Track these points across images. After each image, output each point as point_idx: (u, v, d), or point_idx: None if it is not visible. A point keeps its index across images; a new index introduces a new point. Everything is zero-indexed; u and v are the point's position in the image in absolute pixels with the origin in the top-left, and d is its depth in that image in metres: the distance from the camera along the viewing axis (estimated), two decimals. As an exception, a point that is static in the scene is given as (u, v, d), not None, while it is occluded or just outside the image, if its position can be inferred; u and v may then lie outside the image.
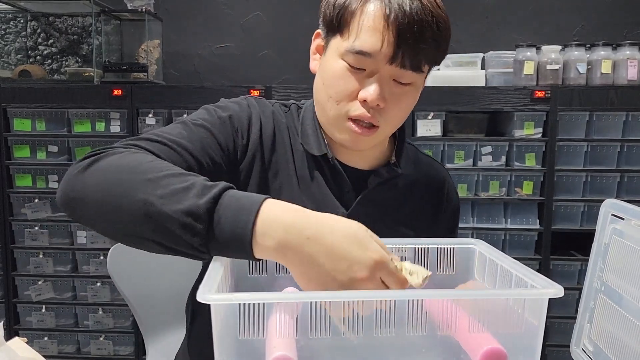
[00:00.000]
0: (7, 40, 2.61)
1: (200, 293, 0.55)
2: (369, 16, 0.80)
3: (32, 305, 2.42)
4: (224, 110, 0.91)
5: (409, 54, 0.80)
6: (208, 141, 0.84)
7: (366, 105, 0.83)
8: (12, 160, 2.39)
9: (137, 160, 0.70)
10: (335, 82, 0.84)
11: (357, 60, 0.82)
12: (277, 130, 0.94)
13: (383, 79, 0.83)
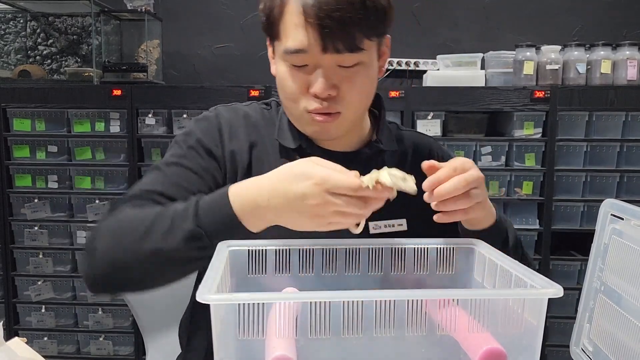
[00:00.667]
0: (6, 40, 2.61)
1: (200, 293, 0.55)
2: (290, 15, 0.83)
3: (32, 305, 2.42)
4: (192, 136, 0.94)
5: (338, 38, 0.81)
6: (182, 176, 0.90)
7: (319, 98, 0.85)
8: (11, 160, 2.39)
9: (127, 223, 0.80)
10: (285, 83, 0.87)
11: (296, 59, 0.84)
12: (253, 131, 0.96)
13: (327, 69, 0.84)
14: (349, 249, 0.78)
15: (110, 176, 2.40)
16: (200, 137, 0.94)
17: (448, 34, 2.70)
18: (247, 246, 0.77)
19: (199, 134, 0.94)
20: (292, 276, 0.78)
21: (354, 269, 0.78)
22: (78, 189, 2.39)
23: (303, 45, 0.82)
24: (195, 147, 0.93)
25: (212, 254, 0.71)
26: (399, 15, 2.88)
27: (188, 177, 0.90)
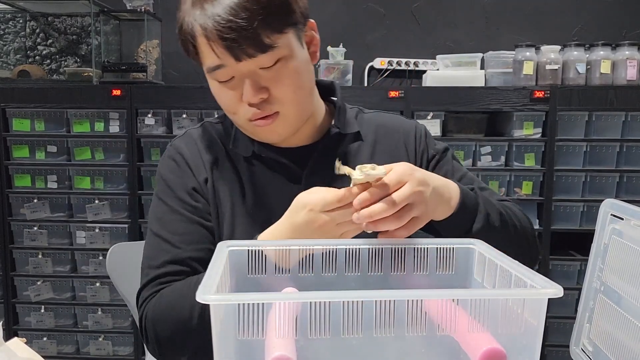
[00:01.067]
0: (6, 40, 2.61)
1: (199, 293, 0.55)
2: (196, 38, 0.85)
3: (31, 305, 2.42)
4: (168, 185, 0.96)
5: (245, 44, 0.81)
6: (191, 231, 0.93)
7: (253, 105, 0.86)
8: (11, 161, 2.39)
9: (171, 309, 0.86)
10: (220, 100, 0.90)
11: (220, 75, 0.86)
12: (207, 152, 0.98)
13: (250, 76, 0.85)
14: (348, 249, 0.78)
15: (109, 176, 2.40)
16: (174, 181, 0.96)
17: (448, 34, 2.70)
18: (247, 246, 0.76)
19: (172, 179, 0.96)
20: (292, 276, 0.77)
21: (354, 269, 0.78)
22: (77, 189, 2.39)
23: (218, 62, 0.84)
24: (177, 194, 0.95)
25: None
26: (399, 15, 2.88)
27: (189, 230, 0.93)
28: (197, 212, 0.95)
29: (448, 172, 1.01)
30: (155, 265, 0.92)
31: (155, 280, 0.91)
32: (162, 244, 0.93)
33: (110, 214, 2.39)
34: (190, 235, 0.93)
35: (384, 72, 2.66)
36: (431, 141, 1.05)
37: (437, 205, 0.80)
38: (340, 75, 2.44)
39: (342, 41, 2.54)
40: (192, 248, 0.92)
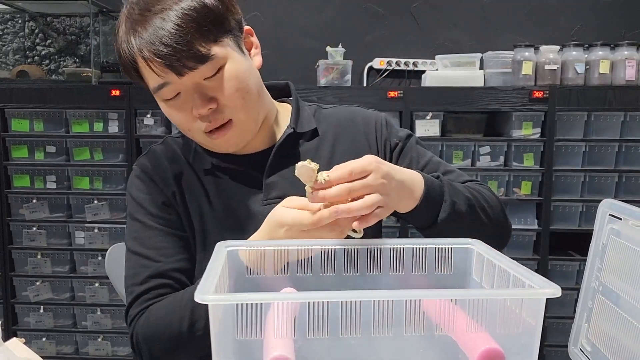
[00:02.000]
0: (5, 40, 2.61)
1: (198, 293, 0.55)
2: (136, 62, 0.85)
3: (30, 305, 2.42)
4: (138, 203, 0.97)
5: (183, 59, 0.82)
6: (168, 244, 0.94)
7: (205, 117, 0.87)
8: (10, 161, 2.39)
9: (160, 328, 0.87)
10: (173, 119, 0.90)
11: (165, 93, 0.87)
12: (171, 167, 0.98)
13: (195, 88, 0.86)
14: (347, 249, 0.78)
15: (108, 176, 2.39)
16: (144, 198, 0.97)
17: (447, 34, 2.70)
18: (246, 246, 0.77)
19: (141, 196, 0.97)
20: (291, 276, 0.77)
21: (353, 269, 0.78)
22: (76, 189, 2.39)
23: (161, 80, 0.85)
24: (148, 210, 0.96)
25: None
26: (398, 16, 2.87)
27: (165, 244, 0.94)
28: (170, 224, 0.96)
29: (413, 159, 1.01)
30: (139, 282, 0.92)
31: (141, 297, 0.91)
32: (142, 260, 0.93)
33: (109, 214, 2.39)
34: (167, 248, 0.94)
35: (383, 72, 2.66)
36: (393, 129, 1.04)
37: (401, 199, 0.80)
38: (339, 76, 2.44)
39: (341, 41, 2.54)
40: (172, 260, 0.93)
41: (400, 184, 0.78)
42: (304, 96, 2.24)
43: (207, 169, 0.97)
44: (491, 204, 0.93)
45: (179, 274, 0.93)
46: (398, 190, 0.78)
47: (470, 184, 0.97)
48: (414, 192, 0.82)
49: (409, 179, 0.81)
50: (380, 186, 0.74)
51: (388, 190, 0.75)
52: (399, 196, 0.79)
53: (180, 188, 0.98)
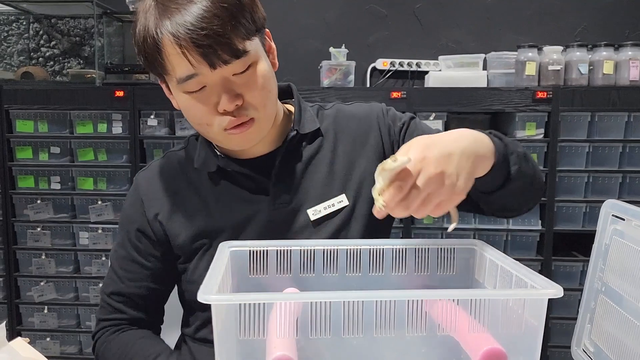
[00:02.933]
0: (9, 42, 2.62)
1: (201, 293, 0.55)
2: (168, 48, 0.82)
3: (35, 306, 2.43)
4: (122, 229, 1.02)
5: (220, 51, 0.81)
6: (127, 269, 1.00)
7: (229, 113, 0.86)
8: (14, 162, 2.40)
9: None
10: (193, 112, 0.88)
11: (191, 85, 0.84)
12: (166, 183, 1.00)
13: (224, 83, 0.84)
14: (349, 250, 0.78)
15: (112, 177, 2.40)
16: (127, 217, 1.01)
17: (450, 35, 2.70)
18: (248, 247, 0.77)
19: (126, 214, 1.02)
20: (293, 277, 0.78)
21: (355, 270, 0.79)
22: (80, 190, 2.40)
23: (191, 71, 0.82)
24: (126, 229, 1.01)
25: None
26: (401, 16, 2.87)
27: (131, 268, 1.00)
28: (138, 252, 1.00)
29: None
30: (106, 293, 1.02)
31: (105, 316, 1.02)
32: (112, 274, 1.02)
33: (113, 214, 2.39)
34: (131, 273, 1.00)
35: (386, 73, 2.66)
36: (395, 115, 1.04)
37: (477, 164, 0.73)
38: (342, 77, 2.44)
39: (345, 42, 2.55)
40: (132, 285, 1.00)
41: (467, 152, 0.72)
42: (307, 97, 2.24)
43: (212, 172, 0.97)
44: (527, 153, 0.89)
45: (137, 298, 1.01)
46: (467, 160, 0.71)
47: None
48: (487, 150, 0.76)
49: (474, 140, 0.74)
50: (435, 179, 0.68)
51: (444, 180, 0.69)
52: (470, 164, 0.72)
53: (171, 203, 0.98)
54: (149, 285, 1.00)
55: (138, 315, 1.01)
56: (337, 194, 0.96)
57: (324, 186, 0.97)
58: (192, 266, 0.97)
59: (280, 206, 0.95)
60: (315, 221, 0.94)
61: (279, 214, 0.95)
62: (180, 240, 0.96)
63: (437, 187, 0.68)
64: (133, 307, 1.01)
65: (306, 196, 0.96)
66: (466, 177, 0.71)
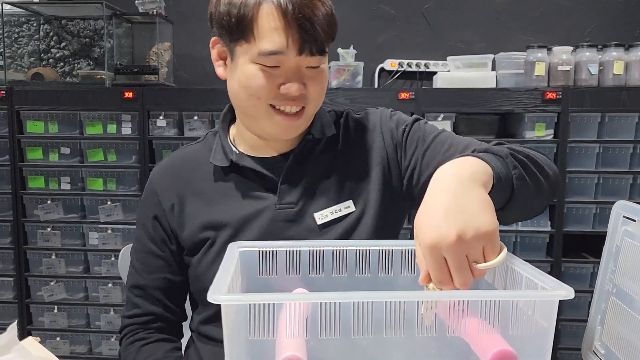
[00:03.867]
0: (20, 43, 2.64)
1: (211, 293, 0.55)
2: (266, 18, 0.84)
3: (45, 305, 2.45)
4: (139, 222, 1.04)
5: (314, 41, 0.86)
6: (146, 262, 1.03)
7: (289, 97, 0.88)
8: (25, 162, 2.42)
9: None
10: (253, 82, 0.88)
11: (269, 60, 0.86)
12: (179, 175, 1.02)
13: (297, 70, 0.88)
14: (358, 250, 0.78)
15: (121, 177, 2.42)
16: (142, 211, 1.04)
17: (458, 35, 2.69)
18: (258, 247, 0.77)
19: (142, 209, 1.04)
20: (302, 277, 0.78)
21: (364, 270, 0.79)
22: (90, 191, 2.42)
23: (281, 48, 0.85)
24: (142, 222, 1.03)
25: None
26: (409, 17, 2.86)
27: (147, 261, 1.02)
28: (154, 242, 1.01)
29: (419, 139, 0.99)
30: (128, 286, 1.05)
31: (127, 312, 1.04)
32: (131, 268, 1.05)
33: (123, 215, 2.41)
34: (148, 265, 1.02)
35: (394, 73, 2.65)
36: (399, 119, 1.03)
37: (480, 198, 0.66)
38: (350, 77, 2.44)
39: (353, 43, 2.54)
40: (150, 277, 1.02)
41: (474, 208, 0.64)
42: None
43: (225, 166, 0.98)
44: (536, 155, 0.84)
45: (155, 290, 1.02)
46: (478, 211, 0.64)
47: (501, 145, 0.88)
48: (484, 182, 0.68)
49: (476, 199, 0.65)
50: (463, 249, 0.62)
51: (464, 245, 0.62)
52: (475, 206, 0.64)
53: (184, 196, 1.00)
54: (165, 276, 1.02)
55: (157, 311, 1.02)
56: (344, 200, 0.97)
57: (332, 191, 0.98)
58: (195, 260, 0.98)
59: (285, 206, 0.96)
60: (321, 225, 0.95)
61: (284, 214, 0.95)
62: (186, 232, 0.98)
63: (466, 248, 0.62)
64: (151, 301, 1.02)
65: (314, 200, 0.97)
66: (481, 216, 0.64)
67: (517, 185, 0.74)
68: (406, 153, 1.00)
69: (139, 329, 1.02)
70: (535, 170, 0.79)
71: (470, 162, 0.70)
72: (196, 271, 0.98)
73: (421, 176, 0.97)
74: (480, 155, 0.73)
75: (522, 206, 0.77)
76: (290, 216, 0.96)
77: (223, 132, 1.02)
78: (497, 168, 0.71)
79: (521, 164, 0.77)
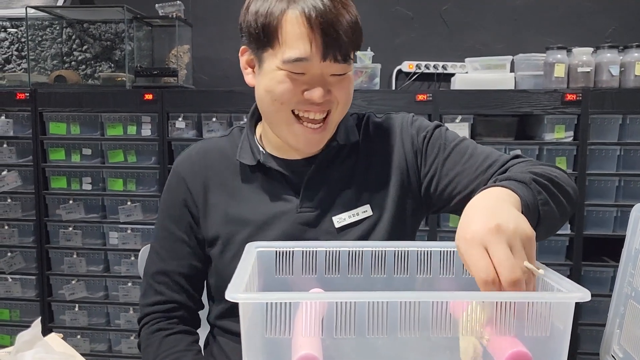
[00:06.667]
0: (43, 46, 2.69)
1: (229, 292, 0.56)
2: (292, 25, 0.86)
3: (66, 303, 2.49)
4: (164, 210, 1.05)
5: (337, 48, 0.87)
6: (168, 247, 1.03)
7: (314, 104, 0.90)
8: (47, 163, 2.47)
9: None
10: (278, 87, 0.90)
11: (294, 67, 0.88)
12: (204, 165, 1.03)
13: (322, 77, 0.89)
14: (374, 251, 0.79)
15: (141, 178, 2.45)
16: (167, 198, 1.04)
17: (476, 37, 2.68)
18: (275, 247, 0.78)
19: (166, 197, 1.05)
20: (318, 277, 0.79)
21: (380, 271, 0.79)
22: (110, 191, 2.45)
23: (306, 54, 0.86)
24: (168, 210, 1.04)
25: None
26: (427, 18, 2.85)
27: (173, 246, 1.03)
28: (182, 228, 1.02)
29: (440, 146, 1.00)
30: (149, 274, 1.04)
31: (148, 299, 1.04)
32: (154, 255, 1.05)
33: (142, 215, 2.44)
34: (174, 251, 1.03)
35: (412, 75, 2.65)
36: (421, 125, 1.04)
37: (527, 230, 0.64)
38: (367, 79, 2.44)
39: (370, 44, 2.55)
40: (176, 263, 1.02)
41: (514, 214, 0.65)
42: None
43: (252, 165, 0.99)
44: (557, 176, 0.85)
45: (180, 277, 1.02)
46: (518, 216, 0.65)
47: (520, 166, 0.91)
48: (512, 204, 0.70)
49: (514, 211, 0.66)
50: (504, 237, 0.61)
51: (510, 229, 0.62)
52: (522, 219, 0.65)
53: (208, 186, 1.01)
54: (191, 263, 1.03)
55: (180, 299, 1.03)
56: (362, 204, 0.98)
57: (351, 196, 0.99)
58: (215, 255, 1.00)
59: (306, 210, 0.97)
60: (339, 228, 0.97)
61: (305, 217, 0.97)
62: (209, 222, 1.00)
63: (507, 238, 0.61)
64: (174, 289, 1.02)
65: (333, 204, 0.98)
66: (522, 220, 0.64)
67: (543, 210, 0.76)
68: (426, 160, 1.01)
69: (161, 317, 1.03)
70: (557, 192, 0.81)
71: (498, 191, 0.72)
72: (216, 266, 1.00)
73: (440, 183, 0.99)
74: (504, 184, 0.74)
75: (547, 227, 0.79)
76: (310, 219, 0.97)
77: (250, 131, 1.03)
78: (524, 196, 0.73)
79: (545, 188, 0.79)
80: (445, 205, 1.00)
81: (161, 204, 1.07)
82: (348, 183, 1.00)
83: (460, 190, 0.96)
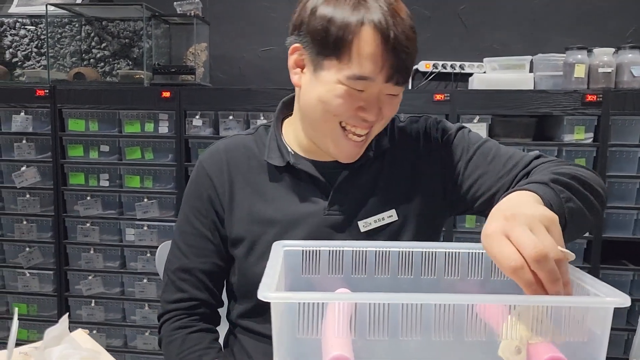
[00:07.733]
0: (62, 43, 2.72)
1: (260, 291, 0.56)
2: (367, 43, 0.85)
3: (83, 299, 2.51)
4: (189, 205, 1.04)
5: (403, 72, 0.87)
6: (199, 244, 1.02)
7: (366, 121, 0.90)
8: (66, 159, 2.49)
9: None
10: (335, 101, 0.88)
11: (356, 84, 0.87)
12: (231, 161, 1.02)
13: (378, 97, 0.89)
14: (401, 252, 0.78)
15: (158, 175, 2.46)
16: (191, 194, 1.04)
17: (495, 37, 2.66)
18: (302, 247, 0.78)
19: (190, 192, 1.04)
20: (345, 277, 0.78)
21: (407, 272, 0.78)
22: (128, 188, 2.47)
23: (373, 74, 0.86)
24: (192, 205, 1.03)
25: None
26: (444, 18, 2.84)
27: (196, 243, 1.02)
28: (206, 225, 1.01)
29: (464, 148, 1.01)
30: (171, 270, 1.04)
31: (170, 296, 1.03)
32: (176, 251, 1.04)
33: (159, 212, 2.45)
34: (197, 248, 1.02)
35: (429, 75, 2.64)
36: (444, 128, 1.04)
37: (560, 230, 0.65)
38: (385, 78, 2.43)
39: (388, 44, 2.53)
40: (199, 260, 1.02)
41: (541, 207, 0.66)
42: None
43: (281, 166, 0.99)
44: (582, 174, 0.84)
45: (202, 274, 1.02)
46: (543, 208, 0.66)
47: (544, 166, 0.90)
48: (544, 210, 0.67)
49: (541, 207, 0.67)
50: (527, 221, 0.61)
51: (537, 216, 0.62)
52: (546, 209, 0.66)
53: (234, 183, 1.01)
54: (214, 261, 1.03)
55: (202, 296, 1.03)
56: (388, 209, 0.99)
57: (378, 200, 0.99)
58: (240, 254, 1.00)
59: (334, 213, 0.98)
60: (365, 232, 0.97)
61: (332, 220, 0.97)
62: (235, 219, 1.00)
63: (530, 223, 0.61)
64: (196, 286, 1.02)
65: (359, 208, 0.98)
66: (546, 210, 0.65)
67: (568, 207, 0.75)
68: (450, 162, 1.01)
69: (183, 314, 1.03)
70: (582, 189, 0.80)
71: (517, 195, 0.72)
72: (241, 266, 1.00)
73: (463, 185, 0.99)
74: (526, 187, 0.74)
75: (577, 225, 0.78)
76: (337, 223, 0.97)
77: (278, 131, 1.03)
78: (545, 196, 0.73)
79: (567, 186, 0.78)
80: (469, 207, 1.00)
81: (185, 199, 1.06)
82: (374, 188, 1.00)
83: (485, 192, 0.96)
